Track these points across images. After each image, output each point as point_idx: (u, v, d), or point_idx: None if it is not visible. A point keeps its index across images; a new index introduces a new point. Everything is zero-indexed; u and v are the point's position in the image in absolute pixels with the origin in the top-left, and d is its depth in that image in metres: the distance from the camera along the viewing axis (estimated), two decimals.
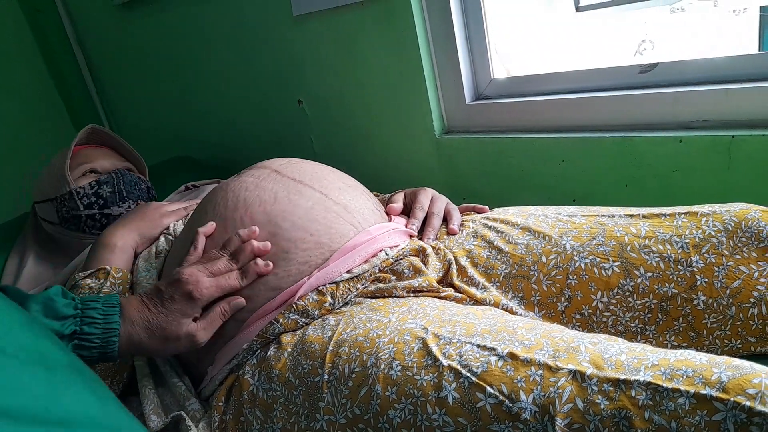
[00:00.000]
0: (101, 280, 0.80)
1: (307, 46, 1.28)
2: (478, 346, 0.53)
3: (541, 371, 0.48)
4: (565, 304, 0.69)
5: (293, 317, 0.68)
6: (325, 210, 0.73)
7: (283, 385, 0.62)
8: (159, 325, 0.65)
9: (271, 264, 0.69)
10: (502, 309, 0.70)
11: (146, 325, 0.64)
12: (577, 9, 1.30)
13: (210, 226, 0.75)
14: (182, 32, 1.54)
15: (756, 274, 0.62)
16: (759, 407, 0.39)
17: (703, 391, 0.42)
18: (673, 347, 0.65)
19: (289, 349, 0.65)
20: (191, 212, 0.95)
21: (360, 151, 1.31)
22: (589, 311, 0.68)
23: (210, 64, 1.53)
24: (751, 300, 0.62)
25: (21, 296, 0.59)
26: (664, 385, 0.43)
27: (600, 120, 0.97)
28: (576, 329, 0.69)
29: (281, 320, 0.68)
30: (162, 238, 0.90)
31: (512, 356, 0.51)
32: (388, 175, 1.29)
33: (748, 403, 0.40)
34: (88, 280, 0.80)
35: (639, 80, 0.94)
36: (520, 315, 0.69)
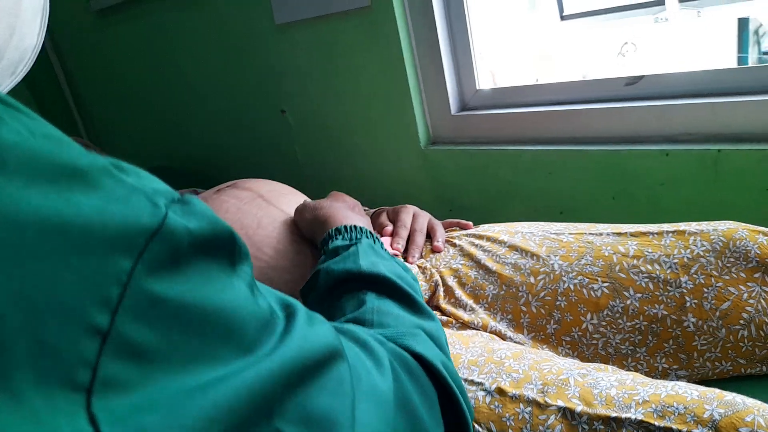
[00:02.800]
0: None
1: (290, 55, 1.26)
2: (465, 380, 0.52)
3: (530, 408, 0.47)
4: (555, 326, 0.68)
5: None
6: (315, 246, 0.71)
7: None
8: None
9: None
10: (490, 332, 0.68)
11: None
12: (562, 18, 1.29)
13: None
14: (162, 40, 1.51)
15: (745, 295, 0.62)
16: None
17: (695, 430, 0.41)
18: (664, 369, 0.64)
19: None
20: None
21: (345, 161, 1.29)
22: (579, 333, 0.67)
23: (190, 73, 1.50)
24: (741, 322, 0.61)
25: None
26: (656, 423, 0.42)
27: (587, 132, 0.97)
28: (566, 351, 0.68)
29: None
30: None
31: (500, 392, 0.49)
32: (374, 186, 1.27)
33: None
34: None
35: (625, 93, 0.93)
36: (510, 338, 0.68)
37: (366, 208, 1.00)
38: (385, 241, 0.80)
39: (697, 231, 0.67)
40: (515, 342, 0.68)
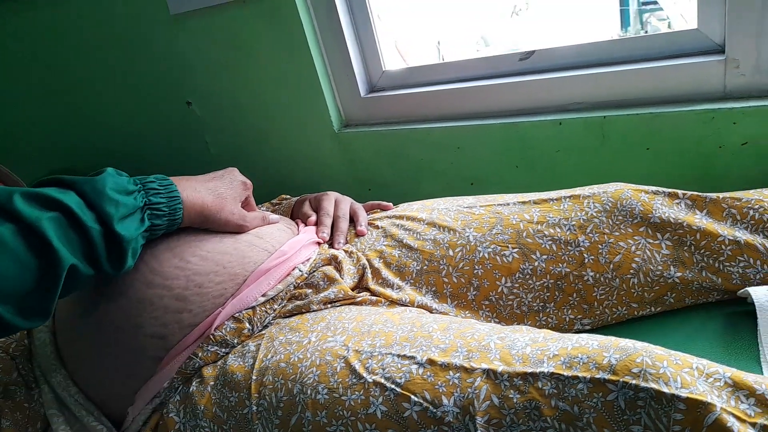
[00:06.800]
0: None
1: (190, 46, 1.22)
2: (399, 356, 0.56)
3: (458, 374, 0.52)
4: (475, 293, 0.74)
5: (212, 349, 0.67)
6: (235, 240, 0.72)
7: (210, 421, 0.62)
8: (223, 187, 0.74)
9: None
10: (417, 306, 0.73)
11: (210, 189, 0.72)
12: None
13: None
14: (47, 34, 1.40)
15: (633, 247, 0.70)
16: (642, 384, 0.45)
17: (597, 376, 0.47)
18: (571, 320, 0.73)
19: (212, 383, 0.64)
20: None
21: (259, 150, 1.29)
22: (496, 297, 0.74)
23: (83, 68, 1.41)
24: (631, 271, 0.70)
25: (71, 181, 0.61)
26: (565, 373, 0.49)
27: (488, 107, 1.03)
28: (486, 314, 0.74)
29: (200, 354, 0.67)
30: None
31: (431, 362, 0.54)
32: (290, 174, 1.28)
33: (633, 382, 0.46)
34: None
35: (519, 67, 1.00)
36: (435, 309, 0.73)
37: (288, 197, 1.02)
38: (310, 230, 0.83)
39: (590, 194, 0.75)
40: (441, 312, 0.73)
